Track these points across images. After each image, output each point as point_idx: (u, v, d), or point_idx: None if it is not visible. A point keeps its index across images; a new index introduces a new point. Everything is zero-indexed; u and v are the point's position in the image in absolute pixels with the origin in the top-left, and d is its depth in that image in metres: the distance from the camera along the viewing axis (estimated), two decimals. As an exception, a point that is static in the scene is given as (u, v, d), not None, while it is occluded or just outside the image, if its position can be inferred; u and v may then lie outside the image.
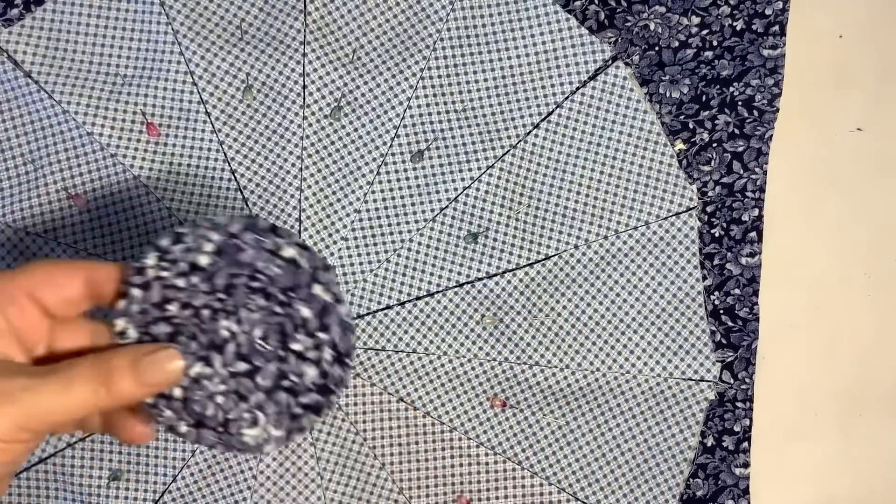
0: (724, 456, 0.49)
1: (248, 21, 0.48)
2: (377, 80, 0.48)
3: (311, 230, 0.48)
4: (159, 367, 0.34)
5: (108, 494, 0.47)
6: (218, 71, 0.47)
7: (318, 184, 0.48)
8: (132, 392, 0.33)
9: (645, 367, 0.49)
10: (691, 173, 0.49)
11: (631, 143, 0.49)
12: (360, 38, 0.48)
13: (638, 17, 0.49)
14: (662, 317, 0.49)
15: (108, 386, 0.33)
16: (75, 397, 0.32)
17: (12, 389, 0.31)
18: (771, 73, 0.49)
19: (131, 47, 0.47)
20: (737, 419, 0.49)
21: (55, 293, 0.34)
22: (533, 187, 0.49)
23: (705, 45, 0.49)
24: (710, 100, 0.49)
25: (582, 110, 0.49)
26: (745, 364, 0.49)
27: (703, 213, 0.49)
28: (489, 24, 0.49)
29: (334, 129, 0.48)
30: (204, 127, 0.47)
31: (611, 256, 0.49)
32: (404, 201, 0.48)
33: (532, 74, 0.49)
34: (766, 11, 0.49)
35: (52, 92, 0.47)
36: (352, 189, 0.48)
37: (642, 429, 0.49)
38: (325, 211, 0.48)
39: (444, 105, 0.49)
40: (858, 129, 0.51)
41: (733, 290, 0.49)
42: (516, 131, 0.49)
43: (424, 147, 0.48)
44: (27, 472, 0.47)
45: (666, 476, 0.49)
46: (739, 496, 0.49)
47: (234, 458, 0.47)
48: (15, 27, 0.47)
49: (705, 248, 0.49)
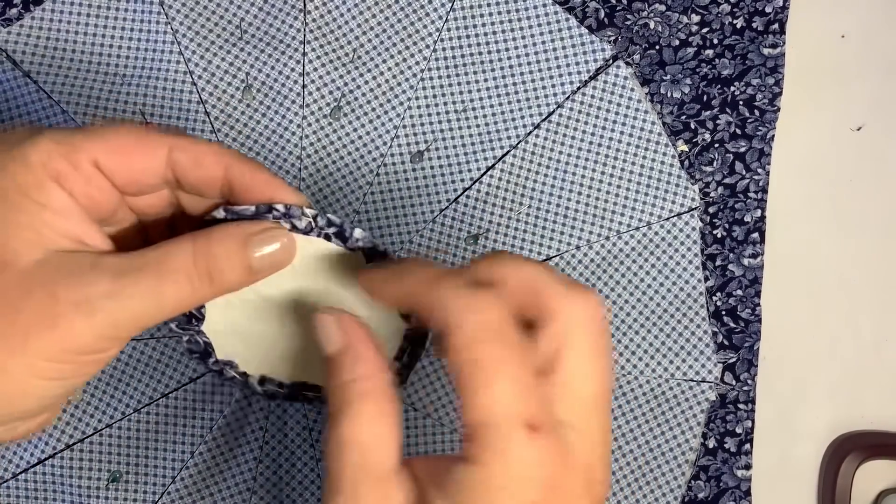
0: (726, 458, 0.49)
1: (248, 21, 0.48)
2: (377, 80, 0.48)
3: (310, 230, 0.47)
4: (272, 248, 0.29)
5: (107, 496, 0.47)
6: (217, 70, 0.47)
7: (317, 184, 0.48)
8: (241, 282, 0.28)
9: (646, 368, 0.48)
10: (693, 174, 0.49)
11: (632, 144, 0.49)
12: (359, 37, 0.48)
13: (638, 15, 0.49)
14: (664, 318, 0.49)
15: (212, 278, 0.27)
16: (172, 296, 0.27)
17: (94, 296, 0.26)
18: (772, 72, 0.49)
19: (130, 47, 0.47)
20: (738, 420, 0.49)
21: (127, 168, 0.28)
22: (534, 188, 0.49)
23: (706, 43, 0.49)
24: (712, 99, 0.49)
25: (583, 110, 0.49)
26: (746, 365, 0.49)
27: (705, 214, 0.49)
28: (489, 23, 0.49)
29: (334, 129, 0.48)
30: (203, 126, 0.47)
31: (612, 257, 0.49)
32: (404, 202, 0.48)
33: (532, 74, 0.49)
34: (766, 9, 0.49)
35: (51, 92, 0.47)
36: (351, 189, 0.48)
37: (643, 430, 0.48)
38: (324, 211, 0.48)
39: (444, 105, 0.48)
40: (859, 128, 0.50)
41: (735, 292, 0.49)
42: (517, 132, 0.48)
43: (424, 147, 0.48)
44: (25, 473, 0.47)
45: (668, 478, 0.48)
46: (741, 497, 0.49)
47: (234, 459, 0.47)
48: (14, 27, 0.47)
49: (707, 249, 0.49)
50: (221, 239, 0.28)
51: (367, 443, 0.27)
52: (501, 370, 0.26)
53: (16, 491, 0.47)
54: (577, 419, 0.27)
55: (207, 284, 0.27)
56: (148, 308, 0.27)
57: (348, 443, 0.27)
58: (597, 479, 0.28)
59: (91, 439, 0.47)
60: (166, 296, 0.27)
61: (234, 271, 0.28)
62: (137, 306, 0.26)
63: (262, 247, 0.28)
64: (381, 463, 0.27)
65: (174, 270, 0.27)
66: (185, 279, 0.27)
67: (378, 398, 0.28)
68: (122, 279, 0.26)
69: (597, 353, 0.28)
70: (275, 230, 0.29)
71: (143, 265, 0.27)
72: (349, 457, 0.27)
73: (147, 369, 0.47)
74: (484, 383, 0.26)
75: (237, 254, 0.28)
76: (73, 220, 0.27)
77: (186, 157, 0.29)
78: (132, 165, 0.28)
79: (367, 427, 0.27)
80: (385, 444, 0.27)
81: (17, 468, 0.47)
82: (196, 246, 0.27)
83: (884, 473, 0.50)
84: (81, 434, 0.47)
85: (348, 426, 0.27)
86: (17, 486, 0.47)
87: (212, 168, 0.30)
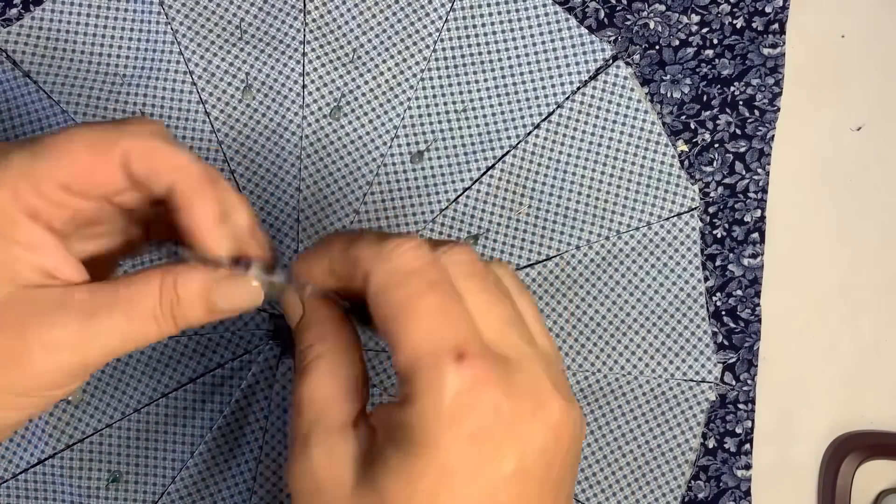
0: (726, 458, 0.49)
1: (248, 21, 0.48)
2: (377, 80, 0.48)
3: (309, 230, 0.47)
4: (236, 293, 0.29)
5: (106, 496, 0.47)
6: (217, 70, 0.47)
7: (316, 184, 0.48)
8: (202, 321, 0.29)
9: (646, 369, 0.48)
10: (693, 174, 0.49)
11: (632, 144, 0.49)
12: (359, 37, 0.48)
13: (638, 15, 0.49)
14: (664, 318, 0.49)
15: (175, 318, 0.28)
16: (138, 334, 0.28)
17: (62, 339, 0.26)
18: (772, 72, 0.49)
19: (130, 47, 0.47)
20: (738, 421, 0.49)
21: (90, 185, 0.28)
22: (534, 188, 0.48)
23: (706, 43, 0.49)
24: (712, 99, 0.49)
25: (583, 110, 0.49)
26: (746, 365, 0.49)
27: (705, 214, 0.49)
28: (489, 23, 0.49)
29: (334, 129, 0.48)
30: (203, 127, 0.47)
31: (612, 257, 0.49)
32: (404, 202, 0.48)
33: (532, 74, 0.49)
34: (766, 9, 0.49)
35: (50, 92, 0.46)
36: (351, 189, 0.48)
37: (643, 430, 0.48)
38: (323, 211, 0.48)
39: (444, 105, 0.48)
40: (859, 128, 0.50)
41: (735, 292, 0.49)
42: (517, 132, 0.48)
43: (424, 147, 0.48)
44: (25, 473, 0.47)
45: (667, 478, 0.48)
46: (741, 498, 0.49)
47: (234, 460, 0.47)
48: (14, 27, 0.47)
49: (707, 249, 0.49)
50: (185, 283, 0.28)
51: (320, 399, 0.29)
52: (417, 307, 0.26)
53: (16, 491, 0.47)
54: (502, 345, 0.27)
55: (172, 325, 0.28)
56: (114, 345, 0.27)
57: (303, 399, 0.29)
58: (544, 401, 0.27)
59: (91, 439, 0.47)
60: (133, 333, 0.28)
61: (196, 313, 0.29)
62: (105, 344, 0.27)
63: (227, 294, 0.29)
64: (333, 417, 0.28)
65: (142, 310, 0.28)
66: (151, 319, 0.28)
67: (331, 360, 0.29)
68: (90, 320, 0.27)
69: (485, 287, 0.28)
70: (241, 279, 0.29)
71: (113, 304, 0.27)
72: (304, 413, 0.29)
73: (147, 369, 0.47)
74: (403, 325, 0.26)
75: (200, 298, 0.29)
76: (45, 253, 0.27)
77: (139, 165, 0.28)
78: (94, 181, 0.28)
79: (319, 386, 0.29)
80: (336, 400, 0.29)
81: (17, 468, 0.47)
82: (163, 287, 0.28)
83: (884, 473, 0.50)
84: (81, 434, 0.47)
85: (304, 385, 0.29)
86: (17, 486, 0.47)
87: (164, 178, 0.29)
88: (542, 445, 0.27)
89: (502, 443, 0.26)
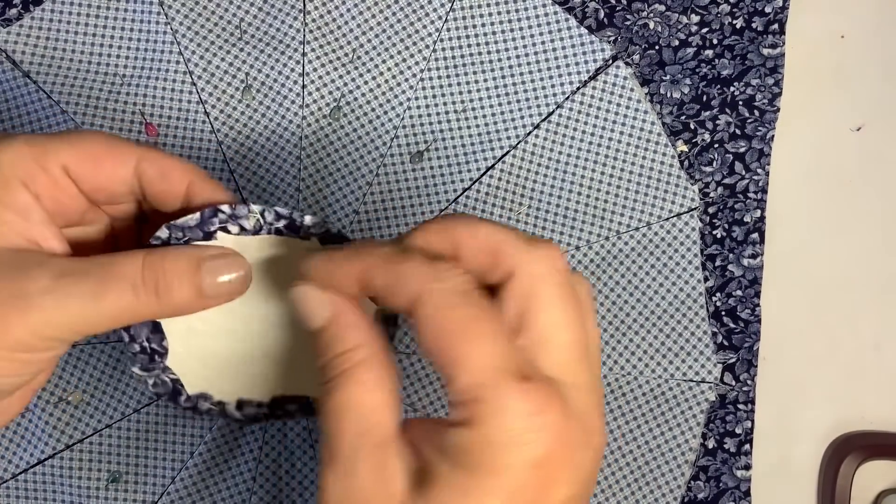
0: (726, 458, 0.49)
1: (248, 21, 0.48)
2: (377, 80, 0.48)
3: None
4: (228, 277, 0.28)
5: (106, 496, 0.47)
6: (217, 71, 0.47)
7: (316, 184, 0.48)
8: (188, 303, 0.28)
9: (646, 369, 0.48)
10: (693, 174, 0.49)
11: (632, 144, 0.49)
12: (359, 37, 0.48)
13: (637, 15, 0.49)
14: (664, 318, 0.49)
15: (158, 293, 0.27)
16: (113, 303, 0.27)
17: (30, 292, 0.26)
18: (771, 72, 0.49)
19: (130, 47, 0.47)
20: (738, 421, 0.49)
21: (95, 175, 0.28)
22: (534, 188, 0.48)
23: (705, 43, 0.49)
24: (711, 100, 0.49)
25: (583, 110, 0.49)
26: (746, 366, 0.49)
27: (704, 214, 0.49)
28: (489, 24, 0.49)
29: (333, 130, 0.48)
30: (203, 127, 0.47)
31: (612, 257, 0.49)
32: (404, 202, 0.48)
33: (532, 74, 0.49)
34: (766, 9, 0.49)
35: (50, 92, 0.47)
36: (351, 190, 0.48)
37: (643, 430, 0.48)
38: (323, 212, 0.48)
39: (444, 105, 0.48)
40: (859, 128, 0.50)
41: (735, 292, 0.49)
42: (516, 132, 0.48)
43: (424, 147, 0.48)
44: (25, 473, 0.47)
45: (667, 478, 0.48)
46: (741, 498, 0.49)
47: (234, 459, 0.47)
48: (13, 27, 0.47)
49: (707, 250, 0.49)
50: (175, 257, 0.28)
51: (367, 409, 0.27)
52: (478, 330, 0.25)
53: (16, 491, 0.47)
54: (561, 370, 0.27)
55: (154, 298, 0.27)
56: (85, 311, 0.26)
57: (347, 409, 0.27)
58: (595, 429, 0.27)
59: (91, 439, 0.47)
60: (107, 301, 0.27)
61: (183, 290, 0.28)
62: (74, 307, 0.26)
63: (217, 274, 0.28)
64: (381, 430, 0.27)
65: (119, 277, 0.27)
66: (129, 288, 0.27)
67: (375, 365, 0.27)
68: (63, 278, 0.26)
69: (566, 302, 0.27)
70: (232, 258, 0.29)
71: (89, 268, 0.27)
72: (348, 424, 0.27)
73: (147, 369, 0.47)
74: (464, 347, 0.25)
75: (188, 273, 0.28)
76: (32, 221, 0.27)
77: (154, 168, 0.29)
78: (101, 172, 0.28)
79: (366, 394, 0.27)
80: (384, 410, 0.27)
81: (17, 468, 0.47)
82: (147, 258, 0.27)
83: (884, 473, 0.50)
84: (81, 434, 0.47)
85: (347, 393, 0.27)
86: (16, 486, 0.47)
87: (176, 183, 0.30)
88: (591, 472, 0.27)
89: (562, 469, 0.26)
